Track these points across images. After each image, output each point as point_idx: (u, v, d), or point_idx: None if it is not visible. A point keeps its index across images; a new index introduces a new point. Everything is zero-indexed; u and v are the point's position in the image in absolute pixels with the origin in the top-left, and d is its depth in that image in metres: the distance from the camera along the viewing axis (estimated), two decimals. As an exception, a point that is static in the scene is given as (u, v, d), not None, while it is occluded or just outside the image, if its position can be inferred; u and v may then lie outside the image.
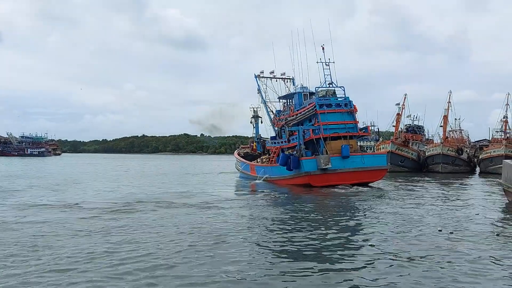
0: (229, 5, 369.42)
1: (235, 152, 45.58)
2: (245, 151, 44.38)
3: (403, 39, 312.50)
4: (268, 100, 38.93)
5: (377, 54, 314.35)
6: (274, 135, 36.66)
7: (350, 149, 28.79)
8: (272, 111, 38.67)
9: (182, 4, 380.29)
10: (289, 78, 38.63)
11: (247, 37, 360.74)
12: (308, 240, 11.74)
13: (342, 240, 11.77)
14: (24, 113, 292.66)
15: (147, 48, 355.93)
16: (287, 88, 38.14)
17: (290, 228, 13.49)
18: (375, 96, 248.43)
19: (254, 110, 42.02)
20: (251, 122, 42.35)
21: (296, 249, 10.76)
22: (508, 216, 16.55)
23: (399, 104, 55.45)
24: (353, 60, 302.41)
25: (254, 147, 41.84)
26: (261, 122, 41.49)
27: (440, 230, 12.86)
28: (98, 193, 24.24)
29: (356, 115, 30.74)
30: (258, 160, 38.34)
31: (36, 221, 14.45)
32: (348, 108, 30.21)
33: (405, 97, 55.23)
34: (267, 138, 41.11)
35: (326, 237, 12.21)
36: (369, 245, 11.07)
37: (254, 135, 42.75)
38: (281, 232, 12.88)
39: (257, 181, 33.27)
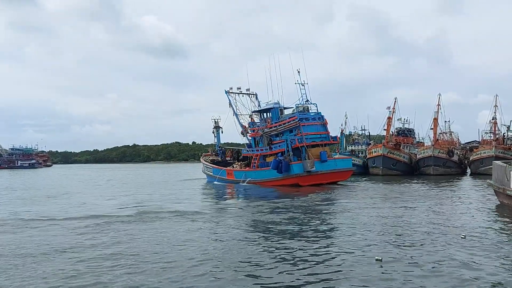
0: (209, 11, 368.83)
1: (202, 160, 47.99)
2: (211, 158, 46.77)
3: (382, 44, 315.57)
4: (239, 113, 42.46)
5: (359, 59, 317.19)
6: (249, 144, 40.93)
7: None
8: (240, 123, 42.28)
9: (159, 11, 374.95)
10: (253, 94, 43.47)
11: (227, 44, 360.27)
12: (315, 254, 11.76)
13: (345, 252, 11.67)
14: (14, 124, 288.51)
15: (126, 57, 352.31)
16: (252, 102, 43.20)
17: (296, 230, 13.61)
18: (361, 100, 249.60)
19: (215, 121, 45.04)
20: (213, 132, 45.82)
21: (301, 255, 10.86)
22: (502, 217, 16.75)
23: (389, 107, 55.88)
24: (336, 65, 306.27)
25: (231, 154, 45.85)
26: (222, 131, 45.94)
27: (463, 237, 12.40)
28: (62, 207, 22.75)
29: (327, 126, 37.03)
30: (235, 165, 42.20)
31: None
32: (321, 121, 36.66)
33: (395, 101, 55.73)
34: (230, 147, 46.59)
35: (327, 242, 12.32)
36: (376, 259, 10.12)
37: (215, 144, 46.10)
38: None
39: (241, 184, 36.67)
